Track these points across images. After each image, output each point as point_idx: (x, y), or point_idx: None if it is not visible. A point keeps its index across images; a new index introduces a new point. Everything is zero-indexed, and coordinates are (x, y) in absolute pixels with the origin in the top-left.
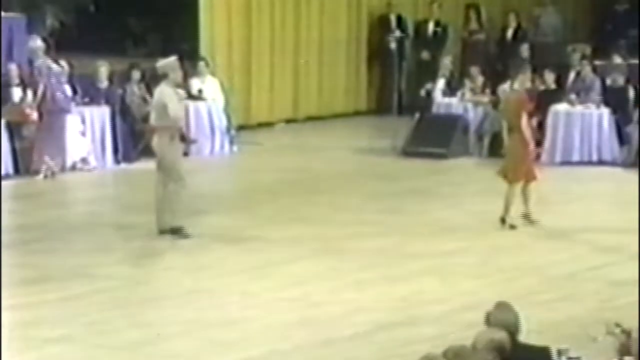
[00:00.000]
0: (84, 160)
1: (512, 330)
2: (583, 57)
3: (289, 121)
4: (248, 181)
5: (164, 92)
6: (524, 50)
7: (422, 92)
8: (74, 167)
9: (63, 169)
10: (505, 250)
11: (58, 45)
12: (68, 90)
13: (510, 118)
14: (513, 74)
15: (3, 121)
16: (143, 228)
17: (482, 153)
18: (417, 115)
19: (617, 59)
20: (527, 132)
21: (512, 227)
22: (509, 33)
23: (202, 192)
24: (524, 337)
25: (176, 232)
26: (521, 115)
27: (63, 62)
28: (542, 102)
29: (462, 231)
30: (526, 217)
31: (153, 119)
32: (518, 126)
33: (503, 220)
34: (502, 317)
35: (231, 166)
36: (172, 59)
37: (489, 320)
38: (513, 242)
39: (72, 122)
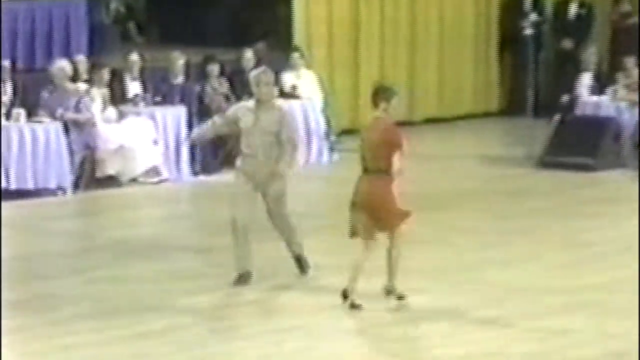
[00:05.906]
0: (154, 171)
1: None
2: None
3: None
4: (346, 197)
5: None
6: None
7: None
8: (142, 179)
9: None
10: None
11: (124, 35)
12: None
13: None
14: None
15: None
16: (224, 253)
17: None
18: (557, 117)
19: None
20: None
21: None
22: None
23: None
24: None
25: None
26: None
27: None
28: None
29: (613, 258)
30: None
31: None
32: None
33: None
34: None
35: (329, 178)
36: (255, 73)
37: None
38: None
39: (141, 125)
